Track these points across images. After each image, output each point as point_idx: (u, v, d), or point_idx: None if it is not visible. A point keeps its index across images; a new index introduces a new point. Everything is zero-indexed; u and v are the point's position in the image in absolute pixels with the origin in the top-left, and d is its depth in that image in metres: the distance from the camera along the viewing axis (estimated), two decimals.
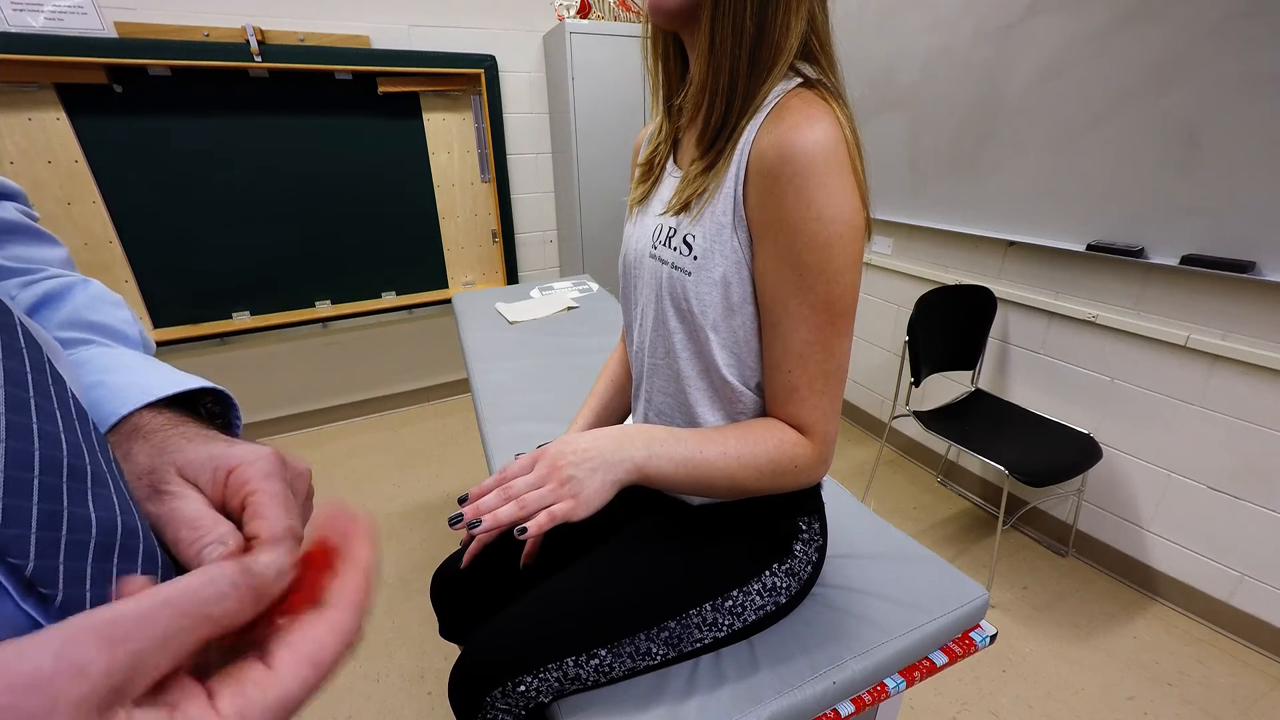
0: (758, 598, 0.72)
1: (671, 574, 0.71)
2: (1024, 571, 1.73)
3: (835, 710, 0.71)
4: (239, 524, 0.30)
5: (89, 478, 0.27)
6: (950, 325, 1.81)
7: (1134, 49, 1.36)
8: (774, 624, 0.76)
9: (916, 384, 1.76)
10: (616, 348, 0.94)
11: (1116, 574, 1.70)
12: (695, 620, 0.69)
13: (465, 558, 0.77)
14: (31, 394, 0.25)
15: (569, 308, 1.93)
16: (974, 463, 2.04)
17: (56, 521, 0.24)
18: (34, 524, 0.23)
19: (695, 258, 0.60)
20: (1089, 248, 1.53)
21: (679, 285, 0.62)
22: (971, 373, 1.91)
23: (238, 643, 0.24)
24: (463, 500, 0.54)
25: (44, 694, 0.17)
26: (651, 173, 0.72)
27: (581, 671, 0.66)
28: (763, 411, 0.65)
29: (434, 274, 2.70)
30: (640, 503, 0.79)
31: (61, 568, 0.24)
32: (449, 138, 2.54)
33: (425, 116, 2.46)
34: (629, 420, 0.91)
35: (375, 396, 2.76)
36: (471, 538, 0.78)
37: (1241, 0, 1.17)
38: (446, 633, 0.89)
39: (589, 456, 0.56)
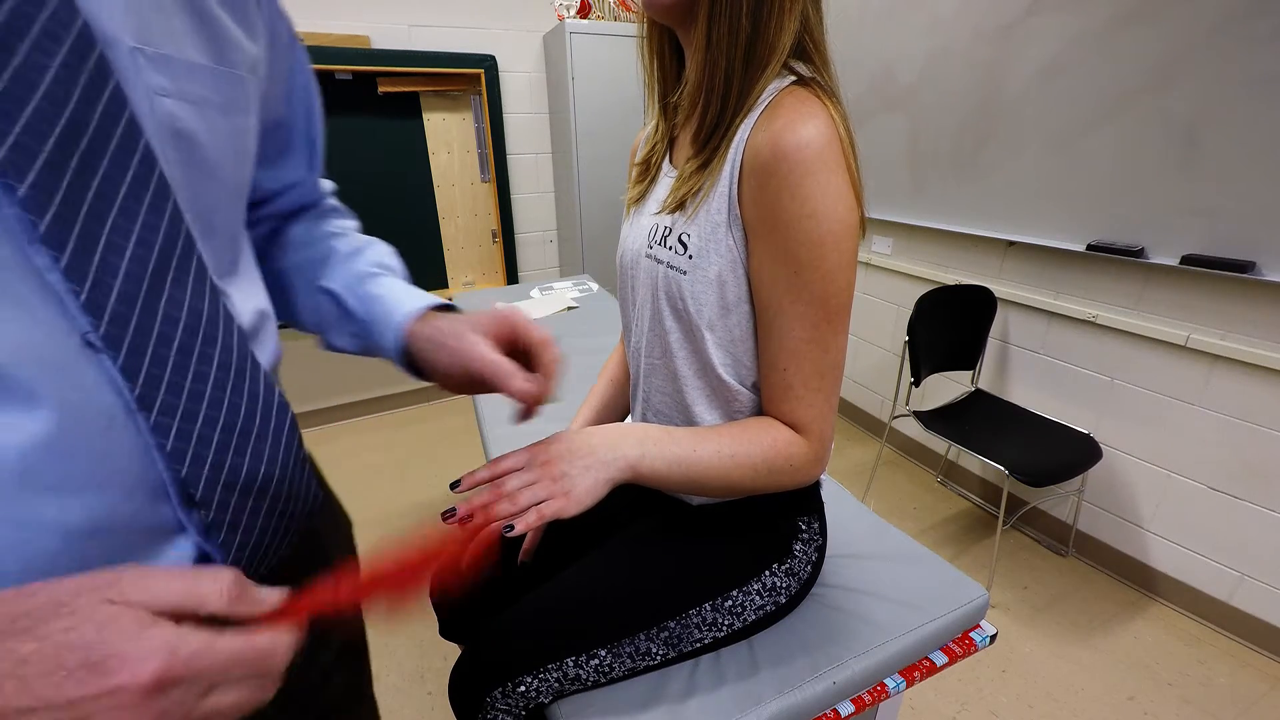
0: (757, 598, 0.72)
1: (671, 574, 0.71)
2: (1024, 571, 1.73)
3: (835, 710, 0.71)
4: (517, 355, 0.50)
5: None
6: (950, 325, 1.81)
7: (1134, 49, 1.36)
8: (774, 624, 0.76)
9: (916, 384, 1.76)
10: (617, 347, 0.94)
11: (1116, 574, 1.70)
12: (695, 620, 0.69)
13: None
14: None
15: (569, 308, 1.93)
16: (974, 463, 2.04)
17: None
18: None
19: (690, 257, 0.60)
20: (1089, 248, 1.53)
21: (674, 284, 0.62)
22: (971, 373, 1.91)
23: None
24: (455, 485, 0.54)
25: None
26: (648, 172, 0.72)
27: (581, 672, 0.66)
28: (760, 411, 0.65)
29: (434, 274, 2.70)
30: (640, 503, 0.79)
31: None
32: (449, 138, 2.54)
33: (425, 116, 2.46)
34: (627, 420, 0.91)
35: (375, 396, 2.76)
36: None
37: (1241, 0, 1.18)
38: (446, 632, 0.89)
39: (582, 454, 0.56)
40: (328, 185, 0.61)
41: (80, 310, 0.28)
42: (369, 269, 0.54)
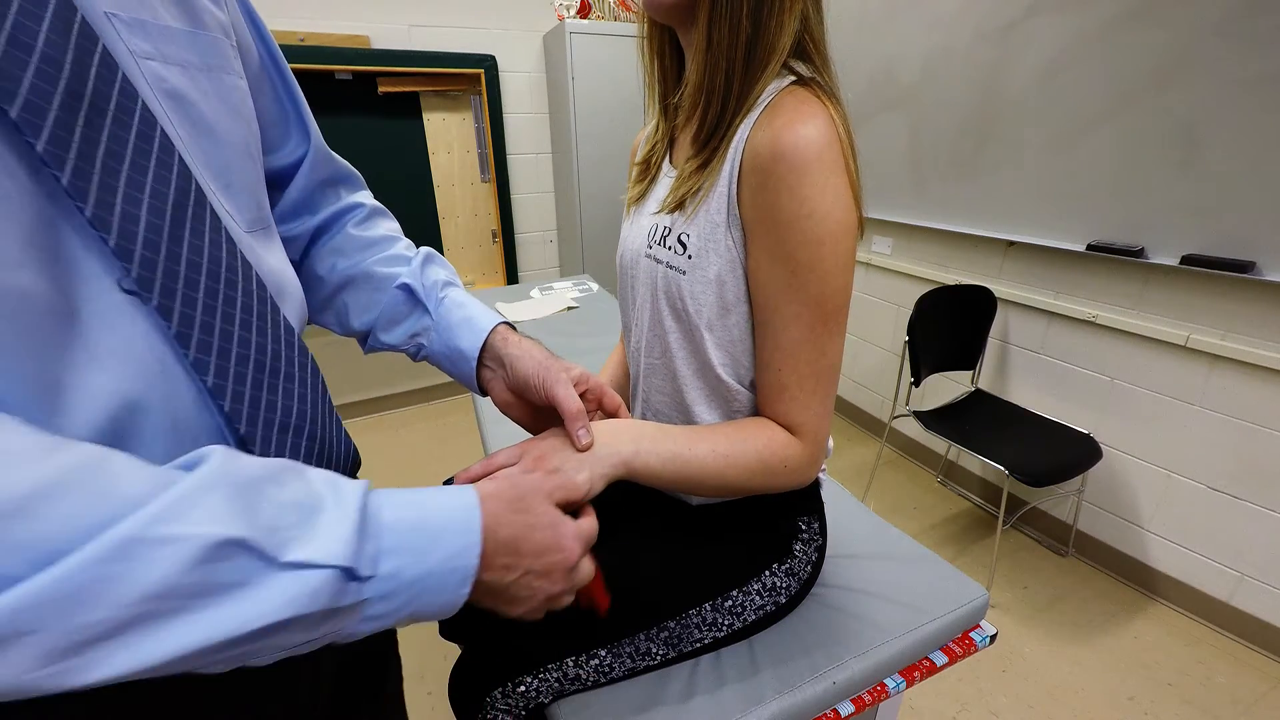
0: (757, 598, 0.72)
1: (671, 574, 0.71)
2: (1024, 571, 1.73)
3: (835, 710, 0.71)
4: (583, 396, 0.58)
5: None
6: (950, 325, 1.81)
7: (1134, 49, 1.36)
8: (774, 624, 0.76)
9: (916, 384, 1.76)
10: (616, 347, 0.94)
11: (1116, 574, 1.70)
12: (695, 620, 0.69)
13: None
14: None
15: (569, 308, 1.93)
16: (974, 463, 2.04)
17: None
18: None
19: (690, 257, 0.60)
20: (1089, 248, 1.53)
21: (674, 284, 0.62)
22: (971, 373, 1.91)
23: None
24: (448, 483, 0.54)
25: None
26: (648, 172, 0.72)
27: (581, 672, 0.66)
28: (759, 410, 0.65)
29: None
30: (640, 502, 0.79)
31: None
32: (449, 138, 2.54)
33: (425, 116, 2.46)
34: None
35: (375, 396, 2.76)
36: None
37: (1241, 0, 1.17)
38: (446, 632, 0.89)
39: (577, 449, 0.56)
40: (348, 164, 0.66)
41: (113, 256, 0.31)
42: (444, 279, 0.62)
